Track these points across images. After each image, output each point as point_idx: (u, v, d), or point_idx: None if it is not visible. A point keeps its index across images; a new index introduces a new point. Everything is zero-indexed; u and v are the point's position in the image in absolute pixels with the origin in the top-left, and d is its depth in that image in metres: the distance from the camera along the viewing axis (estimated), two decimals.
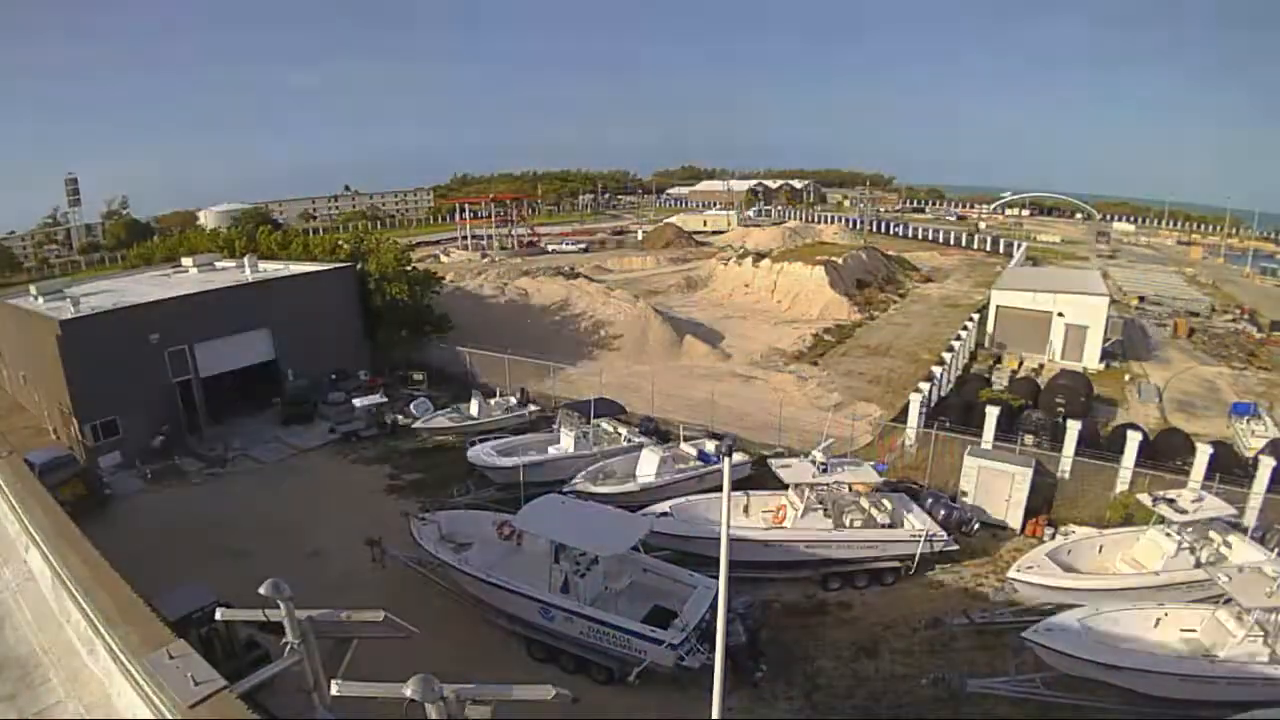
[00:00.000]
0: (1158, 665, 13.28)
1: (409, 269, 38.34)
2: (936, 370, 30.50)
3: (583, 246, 79.44)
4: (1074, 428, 23.05)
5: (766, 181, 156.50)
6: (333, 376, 32.25)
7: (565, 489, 20.15)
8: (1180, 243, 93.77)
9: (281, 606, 4.45)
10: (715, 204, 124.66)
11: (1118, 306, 47.24)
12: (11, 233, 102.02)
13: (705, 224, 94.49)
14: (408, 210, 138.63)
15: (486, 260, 68.69)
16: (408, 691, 3.96)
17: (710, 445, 23.32)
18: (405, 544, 18.45)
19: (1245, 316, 48.74)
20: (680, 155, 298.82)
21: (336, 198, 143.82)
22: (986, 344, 39.67)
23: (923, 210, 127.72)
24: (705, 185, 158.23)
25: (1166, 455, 22.60)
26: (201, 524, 21.86)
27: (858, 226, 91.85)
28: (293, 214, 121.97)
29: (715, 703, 10.20)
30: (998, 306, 39.94)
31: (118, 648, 6.05)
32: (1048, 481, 21.88)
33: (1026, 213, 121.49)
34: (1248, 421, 27.41)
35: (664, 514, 18.71)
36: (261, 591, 4.37)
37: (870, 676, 14.80)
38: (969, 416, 25.35)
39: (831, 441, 20.84)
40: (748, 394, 30.88)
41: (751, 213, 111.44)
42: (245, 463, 26.70)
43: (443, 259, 68.19)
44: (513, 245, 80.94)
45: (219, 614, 5.17)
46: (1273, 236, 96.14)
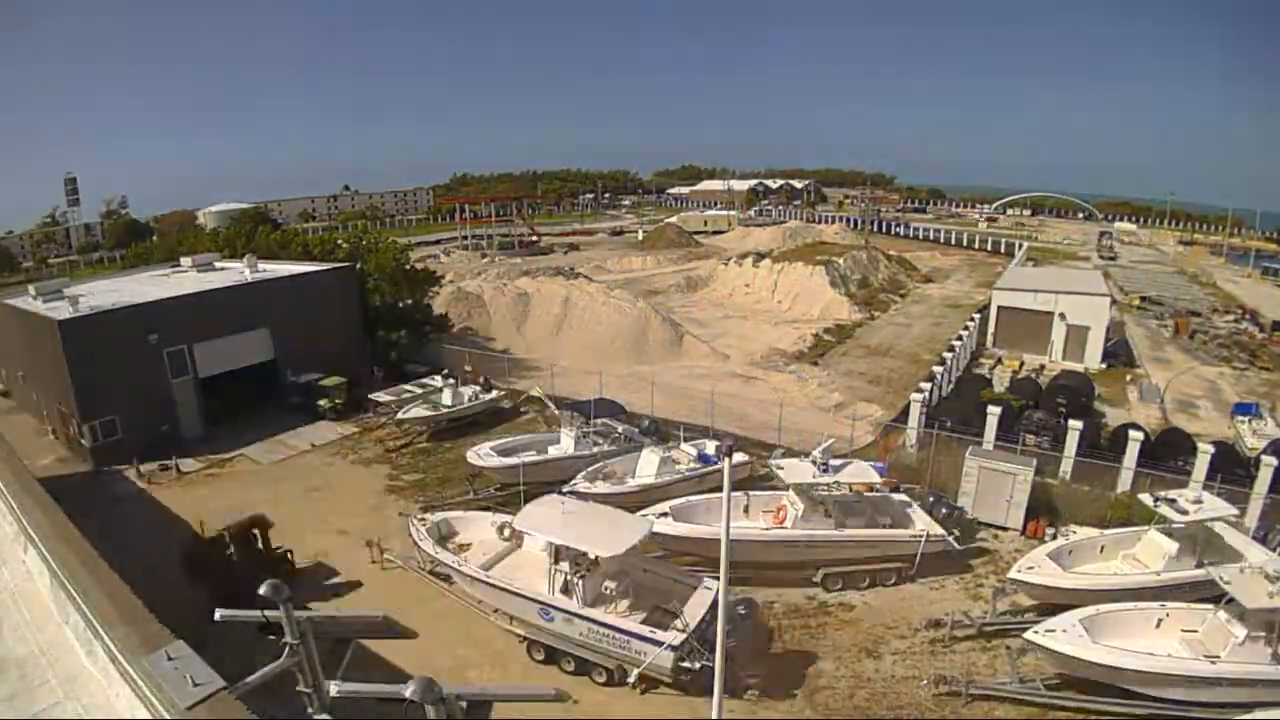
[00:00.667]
0: (1159, 666, 13.24)
1: (408, 269, 38.34)
2: (937, 370, 30.47)
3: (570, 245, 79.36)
4: (1075, 428, 23.06)
5: (767, 181, 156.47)
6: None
7: (565, 489, 20.10)
8: (1182, 243, 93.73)
9: (281, 607, 4.43)
10: (716, 204, 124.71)
11: (1119, 307, 47.26)
12: (10, 232, 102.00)
13: (706, 224, 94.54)
14: (407, 210, 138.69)
15: (486, 260, 68.72)
16: (407, 692, 3.94)
17: (711, 446, 23.22)
18: (405, 545, 18.46)
19: (1247, 316, 48.72)
20: (680, 155, 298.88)
21: (336, 198, 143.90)
22: (988, 344, 39.65)
23: (923, 210, 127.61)
24: (706, 185, 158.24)
25: (1168, 455, 22.58)
26: (201, 524, 21.82)
27: (858, 226, 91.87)
28: (292, 214, 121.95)
29: (715, 703, 10.19)
30: (999, 307, 39.93)
31: (116, 648, 6.02)
32: (1048, 482, 21.87)
33: (1028, 212, 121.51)
34: (1250, 421, 27.40)
35: (663, 514, 18.67)
36: (261, 592, 4.34)
37: (871, 677, 14.77)
38: (970, 417, 25.32)
39: (832, 442, 20.80)
40: (748, 394, 30.84)
41: (752, 212, 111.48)
42: (244, 463, 26.69)
43: (442, 259, 68.20)
44: (513, 245, 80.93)
45: (218, 615, 5.14)
46: (1273, 236, 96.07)
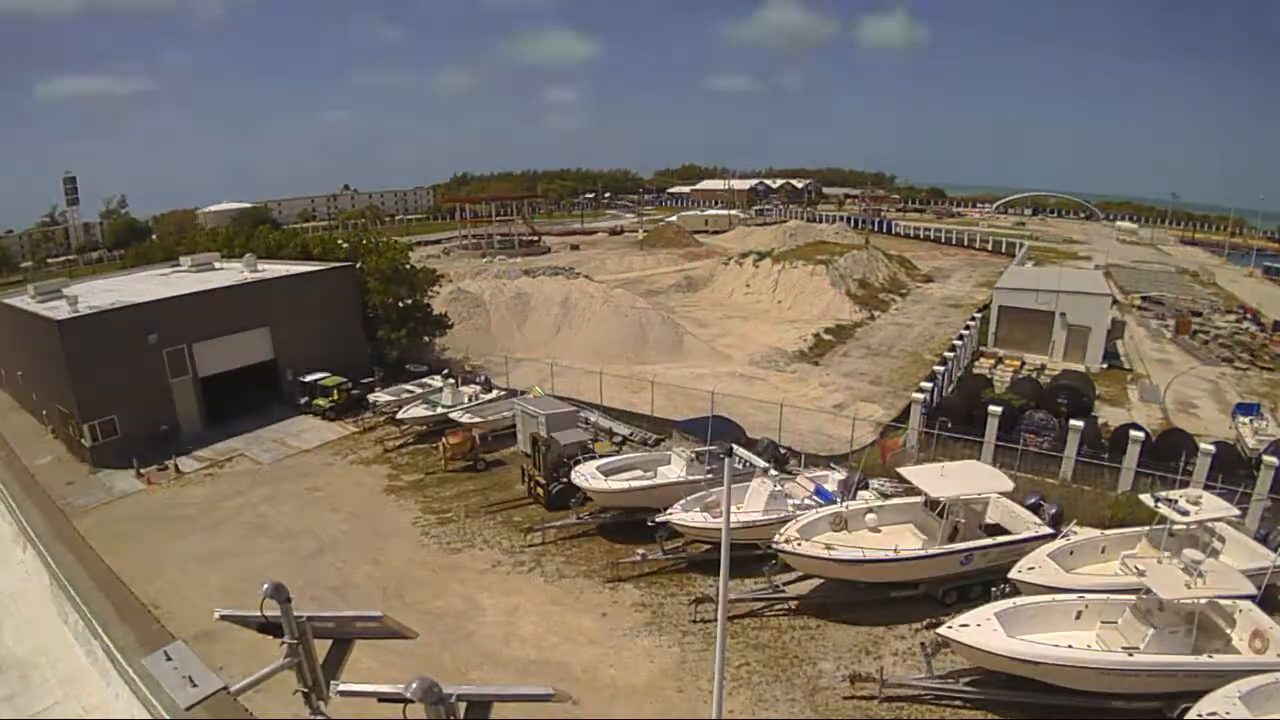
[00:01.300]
0: (1075, 658, 13.04)
1: (408, 268, 38.33)
2: (938, 370, 30.46)
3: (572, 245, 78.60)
4: (1076, 428, 23.04)
5: (767, 181, 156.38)
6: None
7: (658, 519, 18.68)
8: (1183, 242, 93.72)
9: (280, 607, 4.40)
10: (716, 203, 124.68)
11: (1120, 307, 47.24)
12: (9, 231, 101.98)
13: (706, 223, 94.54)
14: (407, 209, 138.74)
15: (486, 260, 68.72)
16: (407, 692, 3.91)
17: (833, 480, 20.59)
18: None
19: (1248, 316, 48.67)
20: (681, 154, 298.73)
21: (336, 197, 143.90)
22: (988, 344, 39.64)
23: (923, 210, 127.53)
24: (706, 184, 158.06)
25: (1169, 456, 22.51)
26: (199, 524, 21.85)
27: (858, 226, 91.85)
28: (292, 213, 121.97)
29: (715, 703, 10.18)
30: (1000, 306, 39.91)
31: (115, 649, 6.03)
32: (1049, 482, 21.85)
33: (1029, 212, 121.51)
34: (1251, 422, 27.37)
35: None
36: (260, 592, 4.32)
37: (872, 677, 14.74)
38: (971, 417, 25.30)
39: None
40: (749, 394, 30.80)
41: (753, 212, 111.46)
42: (244, 463, 26.69)
43: (442, 258, 68.22)
44: (513, 244, 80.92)
45: (216, 614, 5.11)
46: (1275, 235, 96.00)
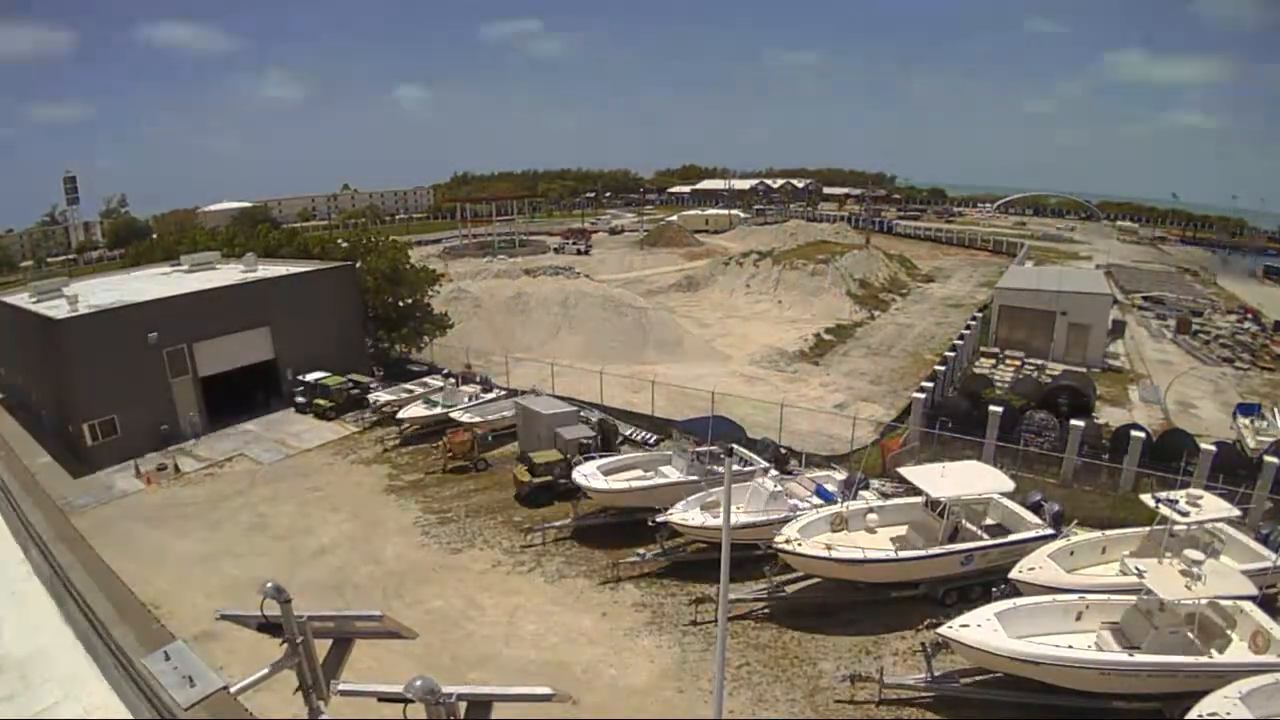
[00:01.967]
0: (1076, 658, 13.00)
1: (408, 268, 38.35)
2: (939, 370, 30.45)
3: (580, 248, 77.17)
4: (1077, 428, 23.02)
5: (768, 180, 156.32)
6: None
7: (658, 520, 18.62)
8: (1183, 242, 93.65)
9: (280, 607, 4.40)
10: (717, 203, 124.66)
11: (1120, 308, 47.20)
12: (9, 230, 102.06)
13: (707, 223, 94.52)
14: (408, 209, 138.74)
15: (486, 259, 68.73)
16: (407, 692, 3.92)
17: (835, 479, 20.61)
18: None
19: (1249, 316, 48.64)
20: (682, 154, 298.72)
21: (336, 196, 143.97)
22: (989, 343, 39.62)
23: (924, 211, 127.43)
24: (706, 184, 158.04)
25: (1170, 456, 22.50)
26: (200, 524, 21.87)
27: (859, 225, 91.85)
28: (292, 212, 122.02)
29: (715, 703, 10.18)
30: (1000, 306, 39.89)
31: (116, 648, 6.01)
32: (1049, 482, 21.84)
33: (1030, 211, 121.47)
34: (1252, 422, 27.35)
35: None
36: (260, 592, 4.32)
37: (872, 678, 14.74)
38: (971, 416, 25.28)
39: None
40: (749, 394, 30.80)
41: (753, 211, 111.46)
42: (244, 462, 26.69)
43: (446, 258, 68.24)
44: (515, 244, 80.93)
45: (217, 614, 5.12)
46: (1277, 235, 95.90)
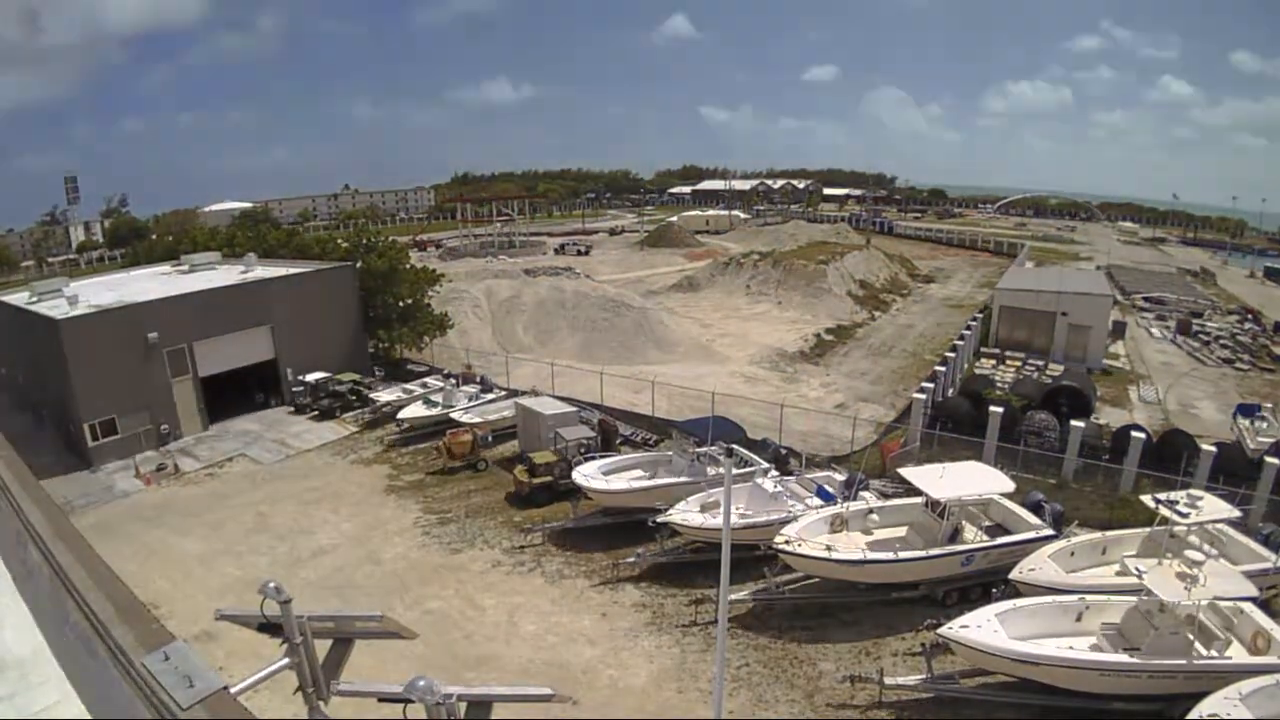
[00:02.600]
0: (1077, 659, 12.98)
1: (409, 268, 38.36)
2: (940, 370, 30.43)
3: (580, 249, 77.21)
4: (1077, 429, 23.00)
5: (769, 181, 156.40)
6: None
7: (659, 520, 18.47)
8: (1184, 242, 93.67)
9: (280, 606, 4.39)
10: (718, 203, 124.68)
11: (1121, 309, 47.18)
12: (10, 230, 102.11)
13: (707, 224, 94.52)
14: (408, 209, 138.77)
15: (486, 259, 68.77)
16: (407, 692, 3.91)
17: (835, 480, 20.58)
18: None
19: (1250, 317, 48.61)
20: (682, 154, 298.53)
21: (336, 196, 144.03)
22: (990, 344, 39.59)
23: (924, 211, 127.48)
24: (707, 185, 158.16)
25: (1170, 456, 22.48)
26: (200, 524, 21.87)
27: (859, 226, 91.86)
28: (292, 213, 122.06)
29: (715, 703, 10.18)
30: (1001, 306, 39.88)
31: (116, 647, 5.99)
32: (1050, 483, 21.83)
33: (1030, 212, 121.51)
34: (1252, 422, 27.32)
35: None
36: (260, 591, 4.31)
37: (872, 678, 14.74)
38: (972, 417, 25.26)
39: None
40: (749, 394, 30.80)
41: (754, 211, 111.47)
42: (244, 462, 26.69)
43: (447, 258, 68.25)
44: (516, 244, 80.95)
45: (216, 614, 5.10)
46: (1277, 235, 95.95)
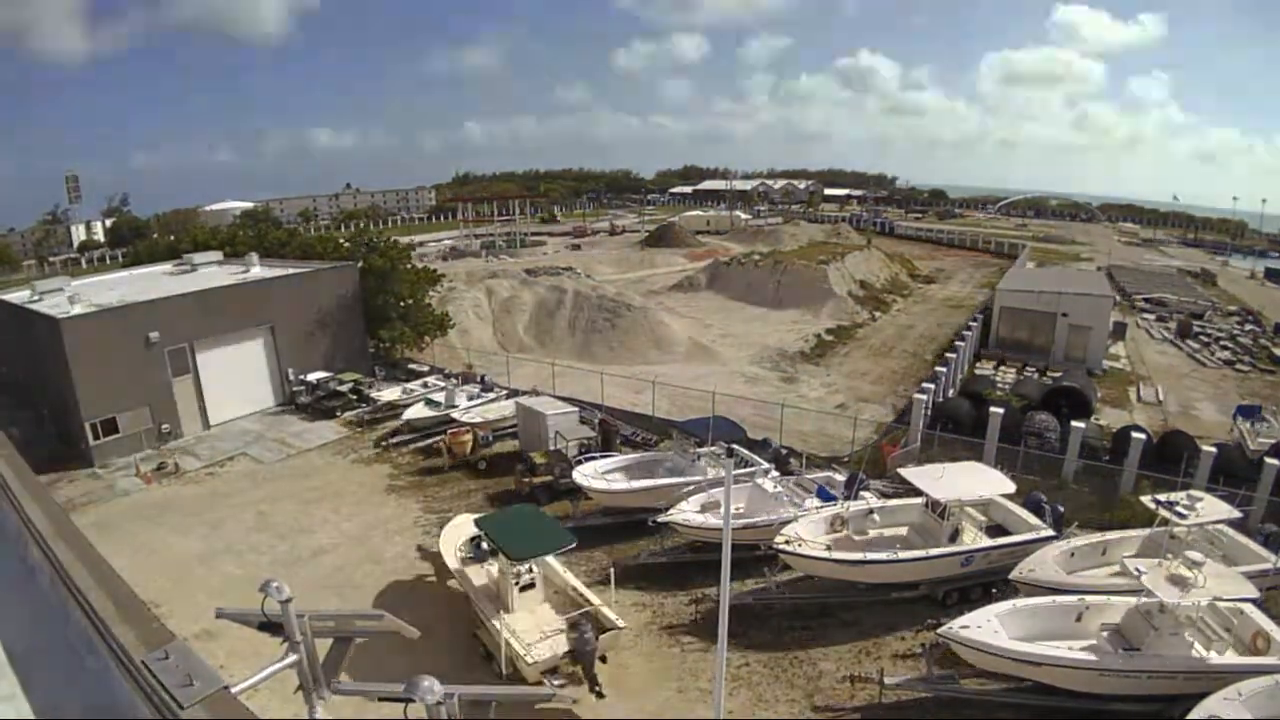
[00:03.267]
0: (1077, 659, 12.97)
1: (410, 267, 38.38)
2: (940, 371, 30.44)
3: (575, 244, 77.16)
4: (1078, 430, 23.00)
5: (769, 181, 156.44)
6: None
7: (659, 519, 18.41)
8: (1184, 243, 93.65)
9: (281, 606, 4.40)
10: (718, 203, 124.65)
11: (1121, 309, 47.18)
12: (11, 230, 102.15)
13: (708, 224, 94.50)
14: (409, 209, 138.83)
15: (486, 259, 68.78)
16: (407, 691, 3.91)
17: (837, 480, 20.65)
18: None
19: (1250, 318, 48.60)
20: (682, 154, 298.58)
21: (338, 196, 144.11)
22: (990, 345, 39.60)
23: (925, 212, 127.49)
24: (707, 185, 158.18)
25: (1170, 457, 22.48)
26: (200, 523, 21.88)
27: (859, 226, 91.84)
28: (293, 212, 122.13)
29: (715, 703, 10.18)
30: (1001, 307, 39.88)
31: (116, 646, 5.99)
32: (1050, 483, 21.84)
33: (1031, 214, 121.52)
34: (1253, 423, 27.30)
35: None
36: (261, 591, 4.31)
37: (872, 678, 14.74)
38: (972, 417, 25.27)
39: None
40: (749, 394, 30.81)
41: (755, 212, 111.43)
42: (245, 461, 26.70)
43: (447, 259, 68.23)
44: (516, 244, 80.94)
45: (216, 613, 5.11)
46: (1277, 237, 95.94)
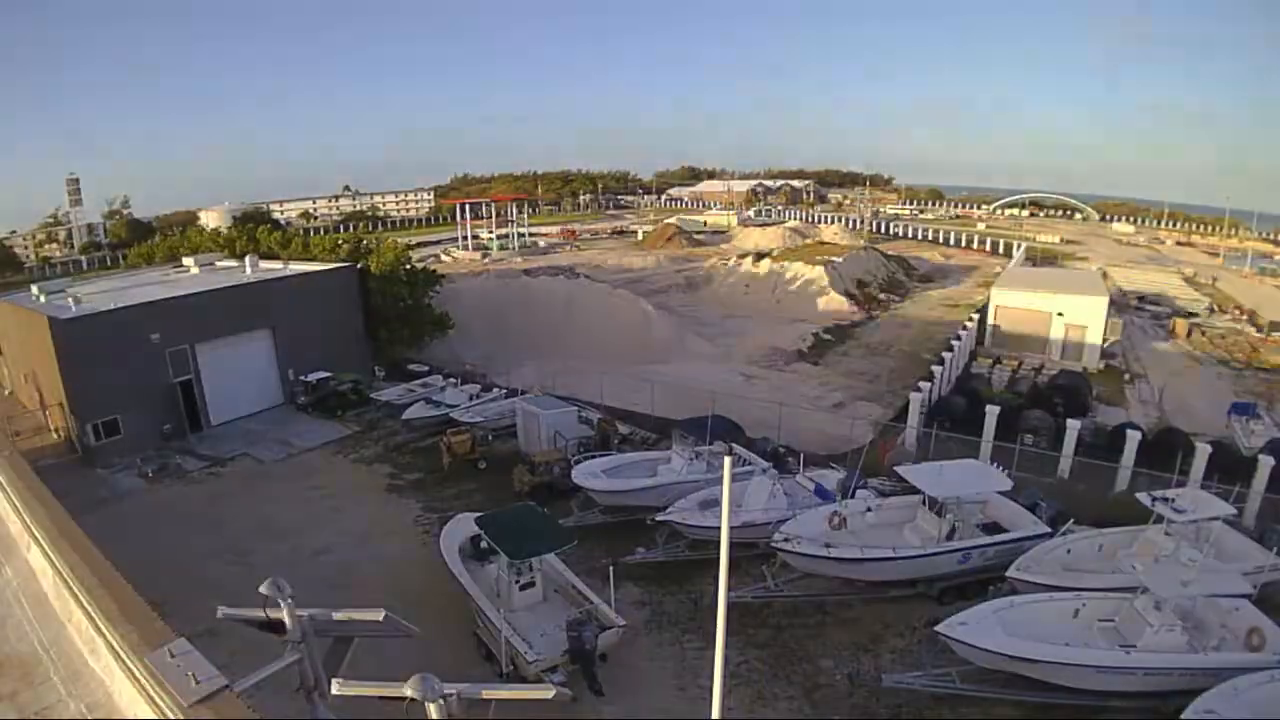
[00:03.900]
0: (1073, 656, 13.05)
1: (409, 268, 38.43)
2: (936, 370, 30.53)
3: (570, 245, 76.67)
4: (1073, 427, 23.10)
5: (767, 181, 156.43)
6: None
7: (659, 518, 18.71)
8: (1179, 243, 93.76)
9: (282, 605, 4.47)
10: (716, 204, 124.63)
11: (1117, 308, 47.26)
12: (13, 232, 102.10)
13: (706, 224, 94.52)
14: (408, 210, 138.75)
15: (487, 260, 68.80)
16: (408, 690, 3.98)
17: (833, 479, 20.57)
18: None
19: (1244, 317, 48.75)
20: (681, 155, 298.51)
21: (337, 198, 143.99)
22: (986, 344, 39.70)
23: (922, 211, 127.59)
24: (706, 185, 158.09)
25: (1165, 455, 22.56)
26: (202, 522, 21.93)
27: (858, 226, 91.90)
28: (293, 214, 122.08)
29: (715, 703, 10.23)
30: (997, 306, 39.99)
31: (119, 646, 6.06)
32: (1048, 481, 21.94)
33: (1026, 213, 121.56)
34: (1247, 421, 27.44)
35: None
36: (262, 590, 4.39)
37: (870, 676, 14.82)
38: (969, 416, 25.37)
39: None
40: (748, 393, 30.88)
41: (751, 213, 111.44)
42: (245, 462, 26.76)
43: (443, 258, 68.28)
44: (514, 244, 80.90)
45: (219, 613, 5.18)
46: (1271, 237, 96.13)
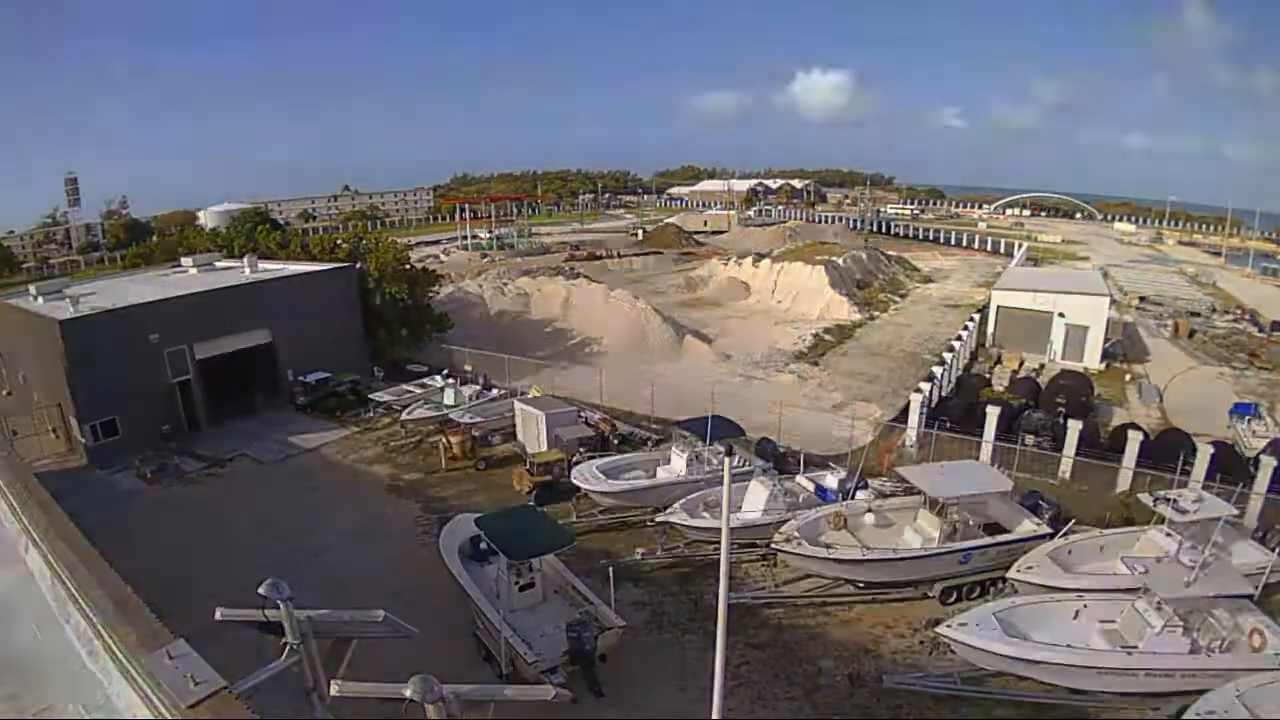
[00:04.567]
0: (1075, 658, 13.05)
1: (408, 268, 38.40)
2: (937, 370, 30.50)
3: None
4: (1075, 428, 23.07)
5: (767, 181, 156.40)
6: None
7: (659, 519, 19.10)
8: (1181, 243, 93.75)
9: (281, 606, 4.43)
10: (715, 204, 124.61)
11: (1118, 307, 47.26)
12: (11, 232, 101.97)
13: (706, 224, 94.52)
14: (407, 210, 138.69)
15: (486, 260, 68.76)
16: (407, 691, 3.95)
17: (832, 479, 20.55)
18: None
19: (1246, 317, 48.72)
20: (680, 155, 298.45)
21: (336, 197, 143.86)
22: (987, 344, 39.68)
23: (922, 211, 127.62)
24: (705, 185, 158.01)
25: (1167, 455, 22.51)
26: (201, 523, 21.87)
27: (858, 226, 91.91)
28: (292, 214, 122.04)
29: (715, 704, 10.19)
30: (998, 306, 39.95)
31: (117, 648, 6.02)
32: (1048, 482, 21.90)
33: (1027, 213, 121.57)
34: (1249, 421, 27.39)
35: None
36: (261, 591, 4.35)
37: (871, 676, 14.77)
38: (970, 416, 25.34)
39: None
40: (748, 394, 30.85)
41: (751, 213, 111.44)
42: (245, 462, 26.70)
43: (443, 258, 68.22)
44: (514, 244, 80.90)
45: (218, 614, 5.14)
46: (1273, 236, 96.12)
